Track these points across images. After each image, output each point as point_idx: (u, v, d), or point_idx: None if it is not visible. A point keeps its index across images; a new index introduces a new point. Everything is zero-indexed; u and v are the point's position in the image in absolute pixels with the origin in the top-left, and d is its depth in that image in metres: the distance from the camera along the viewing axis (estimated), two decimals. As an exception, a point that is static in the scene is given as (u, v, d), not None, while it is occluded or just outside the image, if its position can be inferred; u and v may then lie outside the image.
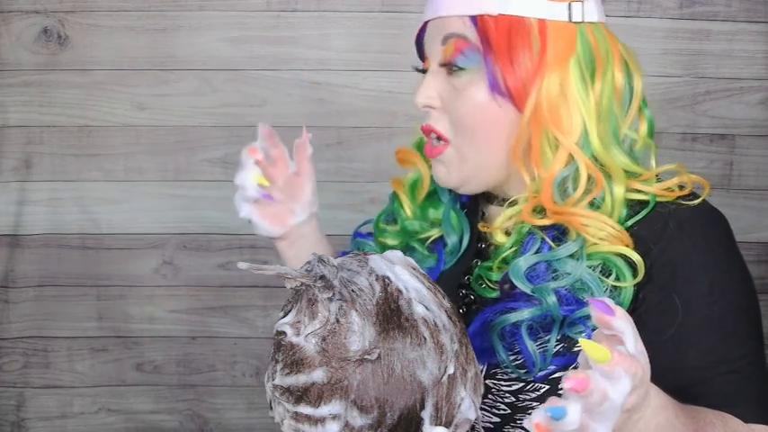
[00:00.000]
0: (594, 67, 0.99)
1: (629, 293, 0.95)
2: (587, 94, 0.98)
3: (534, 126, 0.98)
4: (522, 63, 0.97)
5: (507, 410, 0.98)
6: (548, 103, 0.97)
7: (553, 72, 0.97)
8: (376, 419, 0.70)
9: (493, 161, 1.02)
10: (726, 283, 0.97)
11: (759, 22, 1.96)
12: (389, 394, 0.70)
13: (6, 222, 2.03)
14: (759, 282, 2.06)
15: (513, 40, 0.97)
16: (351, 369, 0.70)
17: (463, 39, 0.99)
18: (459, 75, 1.00)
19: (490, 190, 1.08)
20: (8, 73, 1.97)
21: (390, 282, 0.74)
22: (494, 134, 1.00)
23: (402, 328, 0.71)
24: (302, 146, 1.15)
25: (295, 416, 0.73)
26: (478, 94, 0.99)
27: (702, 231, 1.00)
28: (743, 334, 0.95)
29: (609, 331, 0.70)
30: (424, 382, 0.71)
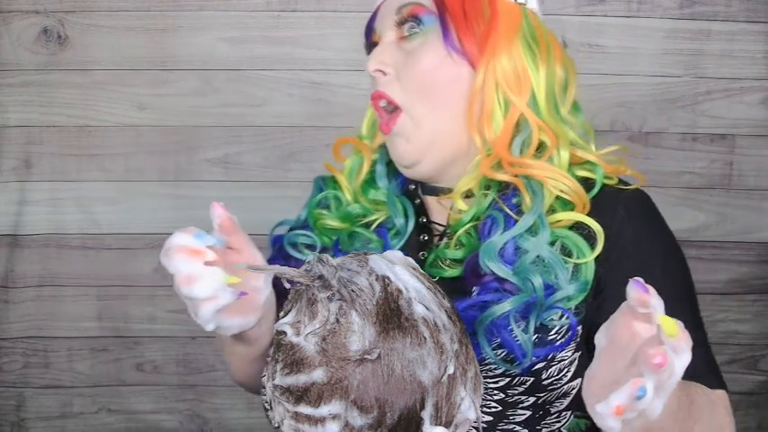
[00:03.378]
0: (539, 49, 1.04)
1: (590, 269, 0.97)
2: (536, 67, 1.03)
3: (487, 87, 1.01)
4: (475, 26, 1.02)
5: (498, 407, 0.98)
6: (500, 66, 1.01)
7: (503, 40, 1.02)
8: (376, 419, 0.70)
9: (449, 126, 1.03)
10: (672, 264, 1.02)
11: (759, 22, 1.96)
12: (389, 394, 0.70)
13: (6, 222, 2.03)
14: (759, 282, 2.07)
15: (466, 6, 1.02)
16: (351, 369, 0.69)
17: (418, 5, 1.03)
18: (413, 38, 1.03)
19: (435, 177, 1.08)
20: (8, 73, 1.97)
21: (390, 281, 0.73)
22: (449, 94, 1.03)
23: (402, 328, 0.71)
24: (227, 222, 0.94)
25: (295, 416, 0.73)
26: (434, 54, 1.02)
27: (648, 215, 1.04)
28: (691, 308, 1.02)
29: (644, 310, 0.70)
30: (424, 382, 0.70)
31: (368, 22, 1.11)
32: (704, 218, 2.05)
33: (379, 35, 1.08)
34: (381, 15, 1.08)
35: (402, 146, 1.05)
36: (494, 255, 0.97)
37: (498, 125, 1.02)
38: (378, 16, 1.09)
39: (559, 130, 1.03)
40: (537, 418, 0.97)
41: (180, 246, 0.83)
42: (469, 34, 1.02)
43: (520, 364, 0.94)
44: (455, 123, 1.03)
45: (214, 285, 0.83)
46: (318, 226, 1.14)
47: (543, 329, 0.96)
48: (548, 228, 0.98)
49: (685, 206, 2.04)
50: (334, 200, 1.17)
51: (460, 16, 1.02)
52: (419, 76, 1.02)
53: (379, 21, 1.08)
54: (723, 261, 2.07)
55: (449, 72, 1.02)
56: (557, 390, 0.97)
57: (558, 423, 0.98)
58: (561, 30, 1.96)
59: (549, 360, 0.96)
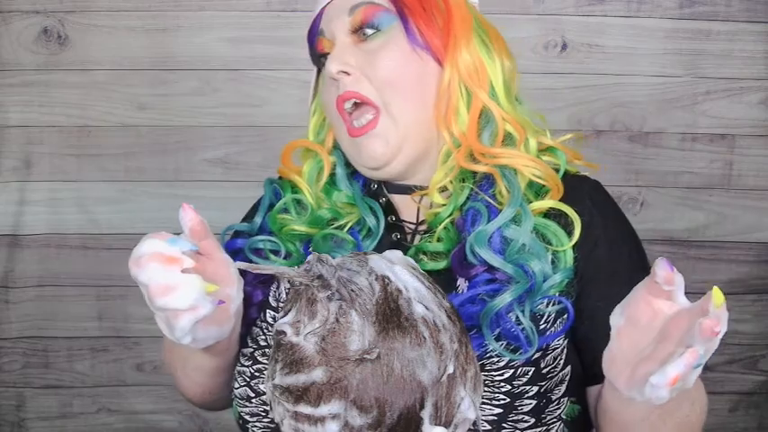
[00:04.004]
0: (490, 41, 1.07)
1: (569, 256, 0.99)
2: (491, 59, 1.05)
3: (453, 82, 1.03)
4: (434, 21, 1.03)
5: (507, 399, 0.98)
6: (462, 59, 1.03)
7: (462, 33, 1.03)
8: (375, 419, 0.70)
9: (422, 119, 1.04)
10: (635, 248, 1.07)
11: (759, 22, 1.96)
12: (389, 394, 0.69)
13: (6, 222, 2.03)
14: (759, 282, 2.07)
15: (423, 2, 1.03)
16: (350, 369, 0.69)
17: (373, 4, 1.03)
18: (374, 38, 1.03)
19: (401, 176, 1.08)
20: (8, 73, 1.97)
21: (390, 281, 0.73)
22: (419, 88, 1.03)
23: (402, 328, 0.71)
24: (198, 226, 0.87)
25: (294, 415, 0.73)
26: (399, 50, 1.02)
27: (609, 202, 1.08)
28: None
29: (670, 287, 0.74)
30: (424, 382, 0.70)
31: (312, 26, 1.09)
32: (704, 218, 2.05)
33: (330, 38, 1.06)
34: (329, 17, 1.06)
35: (379, 145, 1.03)
36: (485, 244, 0.98)
37: (463, 119, 1.04)
38: (324, 18, 1.07)
39: (522, 120, 1.05)
40: (541, 407, 0.97)
41: (153, 253, 0.78)
42: (430, 29, 1.03)
43: (525, 352, 0.95)
44: (425, 120, 1.04)
45: (193, 295, 0.78)
46: (284, 232, 1.10)
47: (534, 318, 0.97)
48: (530, 216, 1.00)
49: (685, 206, 2.04)
50: (295, 205, 1.13)
51: (420, 12, 1.03)
52: (387, 73, 1.02)
53: (328, 23, 1.06)
54: (723, 261, 2.07)
55: (416, 68, 1.03)
56: (555, 377, 0.97)
57: (558, 410, 0.98)
58: (561, 30, 1.96)
59: (545, 349, 0.97)
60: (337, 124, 1.07)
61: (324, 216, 1.10)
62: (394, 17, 1.03)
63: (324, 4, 1.07)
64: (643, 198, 2.04)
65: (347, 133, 1.05)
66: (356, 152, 1.06)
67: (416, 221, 1.09)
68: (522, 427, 0.99)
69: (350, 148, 1.07)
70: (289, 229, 1.10)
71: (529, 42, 1.97)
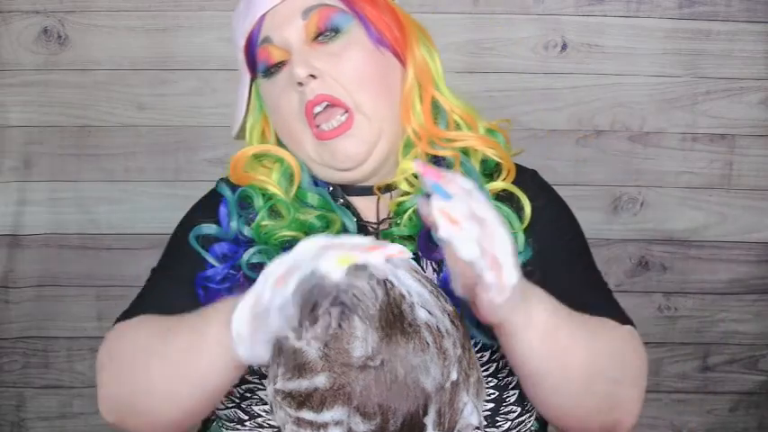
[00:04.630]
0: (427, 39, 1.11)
1: (521, 240, 1.03)
2: (429, 52, 1.09)
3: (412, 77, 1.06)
4: (387, 20, 1.05)
5: (496, 393, 1.00)
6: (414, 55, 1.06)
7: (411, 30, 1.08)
8: (379, 425, 0.69)
9: (392, 115, 1.05)
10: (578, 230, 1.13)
11: (759, 22, 1.96)
12: (392, 400, 0.69)
13: (6, 222, 2.03)
14: (759, 282, 2.07)
15: (372, 2, 1.05)
16: (354, 375, 0.69)
17: (327, 6, 1.03)
18: (335, 40, 1.03)
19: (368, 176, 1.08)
20: (8, 73, 1.96)
21: (393, 286, 0.73)
22: (386, 85, 1.05)
23: (405, 334, 0.71)
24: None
25: (297, 421, 0.73)
26: (363, 49, 1.04)
27: (548, 186, 1.15)
28: (591, 261, 1.12)
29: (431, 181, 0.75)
30: (427, 388, 0.70)
31: (251, 34, 1.06)
32: (704, 218, 2.05)
33: (282, 45, 1.04)
34: (276, 23, 1.04)
35: (354, 147, 1.03)
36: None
37: (418, 113, 1.06)
38: (267, 25, 1.05)
39: (467, 108, 1.10)
40: (523, 395, 0.99)
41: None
42: (386, 26, 1.05)
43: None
44: (394, 116, 1.06)
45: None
46: (273, 240, 1.06)
47: None
48: (490, 198, 1.03)
49: (685, 206, 2.04)
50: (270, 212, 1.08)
51: (374, 13, 1.05)
52: (356, 73, 1.02)
53: (276, 29, 1.04)
54: (723, 261, 2.07)
55: (381, 65, 1.04)
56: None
57: None
58: (561, 30, 1.96)
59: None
60: (298, 130, 1.05)
61: (315, 224, 1.07)
62: (350, 17, 1.04)
63: (265, 10, 1.04)
64: (643, 198, 2.04)
65: (315, 137, 1.03)
66: (328, 155, 1.04)
67: (377, 221, 1.09)
68: (512, 417, 1.02)
69: (317, 151, 1.05)
70: (279, 236, 1.06)
71: (529, 42, 1.97)
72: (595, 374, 0.91)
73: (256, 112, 1.14)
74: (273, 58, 1.05)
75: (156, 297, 1.07)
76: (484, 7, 1.95)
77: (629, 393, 0.97)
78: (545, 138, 2.01)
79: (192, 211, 1.16)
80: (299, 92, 1.02)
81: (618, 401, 0.96)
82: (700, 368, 2.12)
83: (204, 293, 1.04)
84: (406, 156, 1.07)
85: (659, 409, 2.14)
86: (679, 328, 2.10)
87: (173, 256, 1.12)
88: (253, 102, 1.13)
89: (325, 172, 1.08)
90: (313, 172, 1.10)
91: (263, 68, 1.07)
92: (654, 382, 2.13)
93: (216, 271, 1.05)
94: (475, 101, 1.95)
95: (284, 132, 1.09)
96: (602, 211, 2.05)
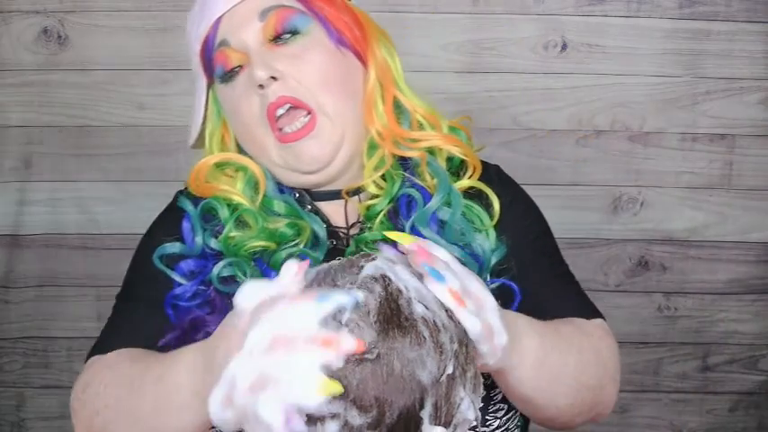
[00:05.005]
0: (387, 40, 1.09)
1: (492, 236, 1.03)
2: (389, 53, 1.08)
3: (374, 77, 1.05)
4: (347, 20, 1.04)
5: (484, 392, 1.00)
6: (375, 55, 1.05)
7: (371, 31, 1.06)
8: (375, 419, 0.69)
9: (355, 116, 1.04)
10: (545, 224, 1.13)
11: (759, 22, 1.96)
12: (389, 394, 0.69)
13: (6, 222, 2.03)
14: (759, 282, 2.07)
15: (329, 2, 1.04)
16: (350, 368, 0.69)
17: (285, 7, 1.01)
18: (294, 41, 1.01)
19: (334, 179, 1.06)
20: (8, 73, 1.97)
21: (390, 281, 0.73)
22: (348, 86, 1.03)
23: (402, 328, 0.71)
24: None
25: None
26: (324, 50, 1.02)
27: (513, 182, 1.14)
28: (558, 255, 1.12)
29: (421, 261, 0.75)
30: (424, 382, 0.70)
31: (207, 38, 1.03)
32: (704, 218, 2.05)
33: (239, 48, 1.02)
34: (233, 26, 1.01)
35: (319, 148, 1.01)
36: (427, 224, 1.00)
37: (381, 113, 1.05)
38: (224, 28, 1.02)
39: (428, 108, 1.08)
40: None
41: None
42: (346, 27, 1.04)
43: None
44: (357, 116, 1.04)
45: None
46: (243, 252, 1.02)
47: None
48: (459, 197, 1.03)
49: (685, 206, 2.05)
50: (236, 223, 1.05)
51: (333, 14, 1.04)
52: (318, 74, 1.00)
53: (233, 32, 1.02)
54: (722, 261, 2.07)
55: (343, 66, 1.03)
56: None
57: None
58: (561, 30, 1.96)
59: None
60: (260, 134, 1.03)
61: (284, 231, 1.04)
62: (309, 18, 1.02)
63: (221, 13, 1.02)
64: (643, 198, 2.04)
65: (277, 141, 1.01)
66: (292, 157, 1.02)
67: (347, 225, 1.07)
68: (500, 415, 1.02)
69: (281, 155, 1.03)
70: (249, 247, 1.02)
71: (529, 42, 1.97)
72: (582, 385, 0.94)
73: (215, 118, 1.10)
74: (231, 62, 1.02)
75: (127, 327, 1.03)
76: (484, 7, 1.95)
77: (609, 391, 0.99)
78: (545, 138, 2.01)
79: (153, 230, 1.12)
80: (259, 95, 1.00)
81: (600, 400, 0.98)
82: (699, 368, 2.12)
83: (174, 312, 1.01)
84: (371, 157, 1.05)
85: (659, 409, 2.14)
86: (679, 328, 2.10)
87: (139, 279, 1.08)
88: (210, 108, 1.09)
89: (289, 176, 1.05)
90: (277, 178, 1.06)
91: (220, 73, 1.03)
92: (654, 382, 2.13)
93: (185, 288, 1.02)
94: (475, 101, 1.97)
95: (246, 138, 1.06)
96: (602, 211, 2.05)
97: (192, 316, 1.00)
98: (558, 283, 1.08)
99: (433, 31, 1.95)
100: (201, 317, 0.99)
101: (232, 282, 1.01)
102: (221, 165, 1.09)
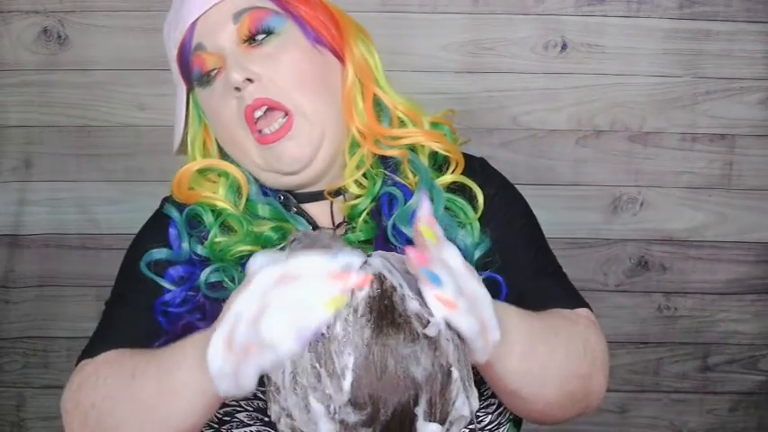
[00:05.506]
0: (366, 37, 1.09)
1: (476, 229, 1.03)
2: (368, 50, 1.08)
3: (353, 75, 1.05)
4: (323, 19, 1.04)
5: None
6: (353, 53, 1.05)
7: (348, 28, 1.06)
8: (369, 416, 0.70)
9: (334, 115, 1.03)
10: (532, 216, 1.13)
11: (759, 22, 1.96)
12: (383, 391, 0.69)
13: (6, 222, 2.03)
14: (759, 282, 2.07)
15: (305, 1, 1.04)
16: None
17: (258, 9, 1.01)
18: (269, 42, 1.01)
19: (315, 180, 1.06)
20: (8, 73, 1.97)
21: (385, 278, 0.73)
22: (326, 85, 1.03)
23: (395, 325, 0.71)
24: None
25: (290, 414, 0.73)
26: (300, 49, 1.02)
27: (498, 174, 1.14)
28: (545, 244, 1.11)
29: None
30: (418, 379, 0.70)
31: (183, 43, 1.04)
32: (703, 218, 2.05)
33: (215, 51, 1.02)
34: (207, 29, 1.02)
35: (298, 148, 1.00)
36: (408, 222, 1.00)
37: (361, 111, 1.04)
38: (199, 32, 1.02)
39: (409, 103, 1.08)
40: None
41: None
42: (322, 25, 1.03)
43: None
44: (336, 115, 1.04)
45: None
46: (229, 257, 1.03)
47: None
48: (442, 192, 1.03)
49: (685, 206, 2.04)
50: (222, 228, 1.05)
51: (309, 12, 1.03)
52: (294, 74, 1.00)
53: (208, 36, 1.02)
54: (722, 261, 2.07)
55: (320, 65, 1.03)
56: None
57: None
58: (561, 30, 1.96)
59: None
60: (240, 137, 1.03)
61: (269, 234, 1.04)
62: (284, 18, 1.02)
63: (196, 17, 1.02)
64: (643, 198, 2.04)
65: (256, 142, 1.01)
66: (273, 159, 1.01)
67: (333, 226, 1.07)
68: (492, 410, 1.02)
69: (262, 157, 1.02)
70: (235, 252, 1.03)
71: (529, 42, 1.97)
72: (570, 376, 0.93)
73: (196, 123, 1.11)
74: (207, 65, 1.02)
75: (116, 330, 1.03)
76: (484, 7, 1.95)
77: (598, 381, 0.98)
78: (545, 138, 2.01)
79: (140, 237, 1.13)
80: (236, 97, 1.00)
81: (590, 390, 0.97)
82: (699, 368, 2.12)
83: (165, 319, 1.01)
84: (353, 155, 1.05)
85: (659, 409, 2.14)
86: (679, 328, 2.10)
87: (127, 285, 1.08)
88: (191, 113, 1.10)
89: (272, 178, 1.05)
90: (261, 180, 1.07)
91: (197, 76, 1.04)
92: (654, 382, 2.13)
93: (174, 294, 1.02)
94: (475, 101, 1.97)
95: (227, 141, 1.06)
96: (602, 211, 2.05)
97: (183, 321, 1.00)
98: (544, 274, 1.07)
99: (433, 31, 1.95)
100: (192, 322, 0.99)
101: (220, 287, 1.01)
102: (203, 171, 1.09)
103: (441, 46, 1.96)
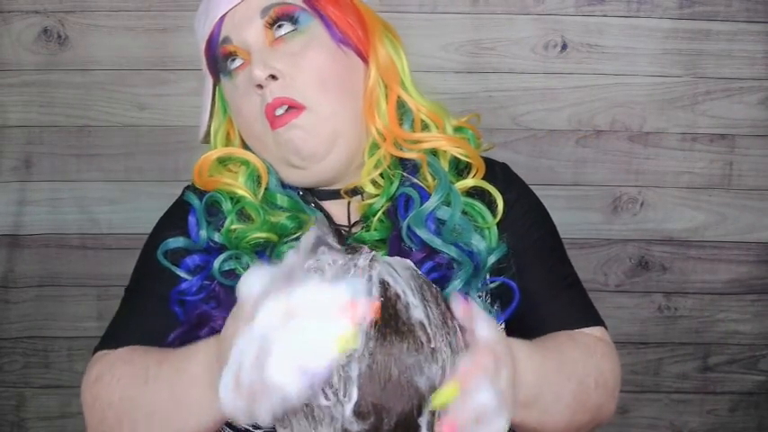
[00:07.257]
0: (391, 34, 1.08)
1: (494, 234, 1.03)
2: (396, 51, 1.07)
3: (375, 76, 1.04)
4: (349, 17, 1.04)
5: None
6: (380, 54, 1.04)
7: (375, 28, 1.05)
8: (373, 425, 0.69)
9: (354, 115, 1.03)
10: (547, 218, 1.13)
11: (759, 22, 1.96)
12: (386, 400, 0.69)
13: (6, 222, 2.03)
14: (759, 282, 2.07)
15: (334, 2, 1.03)
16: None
17: (286, 4, 1.01)
18: (294, 38, 1.01)
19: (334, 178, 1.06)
20: (8, 73, 1.97)
21: (389, 286, 0.73)
22: (349, 84, 1.03)
23: (400, 333, 0.70)
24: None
25: (290, 422, 0.73)
26: (325, 48, 1.01)
27: (520, 181, 1.14)
28: (563, 255, 1.12)
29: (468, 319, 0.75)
30: (421, 388, 0.70)
31: (211, 35, 1.04)
32: (704, 218, 2.05)
33: (240, 45, 1.02)
34: (235, 23, 1.02)
35: (300, 136, 1.00)
36: (423, 226, 0.99)
37: (383, 113, 1.04)
38: (227, 25, 1.03)
39: (434, 107, 1.07)
40: None
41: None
42: (348, 26, 1.03)
43: None
44: (356, 116, 1.04)
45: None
46: (244, 244, 1.03)
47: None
48: (459, 196, 1.02)
49: (685, 206, 2.04)
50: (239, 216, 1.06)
51: (336, 11, 1.03)
52: (317, 74, 1.00)
53: (235, 30, 1.02)
54: (723, 261, 2.07)
55: (343, 64, 1.02)
56: None
57: None
58: (561, 30, 1.96)
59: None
60: (261, 131, 1.03)
61: (286, 223, 1.04)
62: (310, 16, 1.02)
63: (224, 11, 1.02)
64: (643, 198, 2.04)
65: (270, 127, 1.01)
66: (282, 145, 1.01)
67: (349, 224, 1.08)
68: None
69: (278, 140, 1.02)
70: (251, 239, 1.03)
71: (529, 42, 1.97)
72: (579, 411, 0.93)
73: (220, 115, 1.12)
74: (232, 53, 1.03)
75: (135, 320, 1.05)
76: (484, 7, 1.95)
77: (608, 409, 0.98)
78: (545, 138, 2.01)
79: (160, 225, 1.14)
80: (259, 94, 1.00)
81: (600, 417, 0.98)
82: (700, 368, 2.12)
83: (181, 309, 1.02)
84: (372, 156, 1.05)
85: (659, 410, 2.14)
86: (679, 328, 2.10)
87: (146, 273, 1.09)
88: (217, 105, 1.11)
89: (289, 173, 1.06)
90: (280, 176, 1.07)
91: (223, 63, 1.04)
92: (654, 383, 2.13)
93: (191, 284, 1.03)
94: (475, 101, 1.97)
95: (248, 134, 1.07)
96: (601, 211, 2.05)
97: (198, 311, 1.01)
98: (559, 287, 1.07)
99: (433, 31, 1.95)
100: (208, 312, 1.00)
101: (234, 276, 1.02)
102: (225, 160, 1.10)
103: (441, 46, 1.96)
